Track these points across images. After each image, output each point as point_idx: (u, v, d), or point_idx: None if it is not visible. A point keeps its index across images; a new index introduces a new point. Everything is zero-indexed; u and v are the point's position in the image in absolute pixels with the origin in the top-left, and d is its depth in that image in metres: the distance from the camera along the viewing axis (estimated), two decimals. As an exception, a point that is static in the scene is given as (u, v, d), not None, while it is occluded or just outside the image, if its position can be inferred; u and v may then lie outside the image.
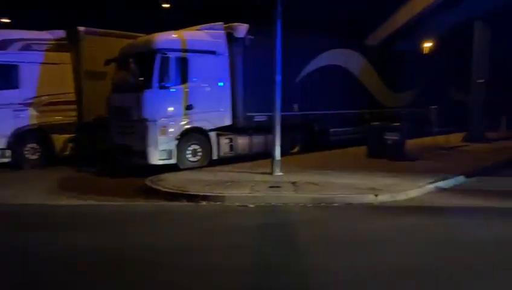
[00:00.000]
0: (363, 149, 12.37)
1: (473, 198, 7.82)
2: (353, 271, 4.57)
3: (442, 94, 18.27)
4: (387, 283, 4.29)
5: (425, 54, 18.65)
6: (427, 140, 14.06)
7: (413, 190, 8.10)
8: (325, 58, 13.81)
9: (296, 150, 13.36)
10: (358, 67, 15.11)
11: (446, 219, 6.63)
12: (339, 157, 12.50)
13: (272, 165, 9.47)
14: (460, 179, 9.28)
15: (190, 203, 7.59)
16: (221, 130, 11.40)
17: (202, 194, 7.76)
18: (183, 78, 10.58)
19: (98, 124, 11.93)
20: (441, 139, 13.95)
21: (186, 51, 10.63)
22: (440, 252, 5.15)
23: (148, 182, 8.80)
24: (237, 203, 7.45)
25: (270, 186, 8.23)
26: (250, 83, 11.51)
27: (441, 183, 8.68)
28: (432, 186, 8.47)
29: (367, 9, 21.08)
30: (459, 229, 6.05)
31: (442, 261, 4.83)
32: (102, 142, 11.66)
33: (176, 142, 10.42)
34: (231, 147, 11.57)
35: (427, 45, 19.29)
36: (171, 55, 10.25)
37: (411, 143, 12.51)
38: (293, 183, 8.45)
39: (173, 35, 10.93)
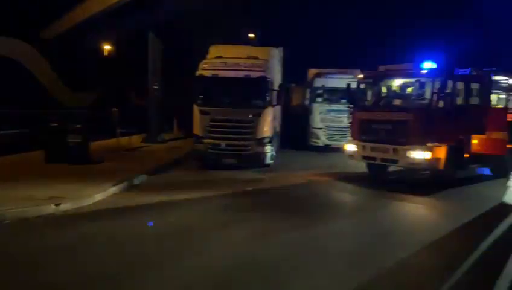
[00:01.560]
0: (41, 154, 10.98)
1: (153, 195, 8.37)
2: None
3: (124, 97, 18.99)
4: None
5: (108, 56, 18.82)
6: (111, 142, 14.19)
7: (99, 193, 7.86)
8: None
9: None
10: (31, 62, 13.32)
11: (128, 219, 6.73)
12: (9, 164, 10.54)
13: None
14: (143, 177, 9.85)
15: None
16: None
17: None
18: None
19: None
20: (124, 140, 14.41)
21: None
22: (120, 255, 5.13)
23: None
24: None
25: None
26: None
27: (125, 184, 8.89)
28: (116, 187, 8.51)
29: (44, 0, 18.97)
30: (139, 228, 6.29)
31: (124, 264, 4.87)
32: None
33: None
34: None
35: (107, 47, 19.55)
36: None
37: (95, 145, 12.21)
38: None
39: None
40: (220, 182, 9.83)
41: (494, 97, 10.99)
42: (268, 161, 11.62)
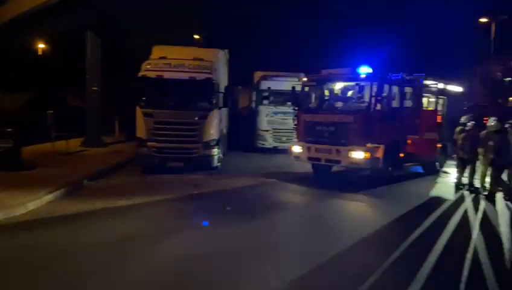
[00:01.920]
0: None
1: (93, 202, 7.90)
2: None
3: (60, 99, 17.89)
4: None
5: (42, 56, 17.64)
6: (46, 146, 13.31)
7: (33, 201, 7.34)
8: None
9: None
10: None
11: (65, 229, 6.32)
12: None
13: None
14: (82, 183, 9.31)
15: None
16: None
17: None
18: None
19: None
20: (60, 144, 13.57)
21: None
22: (54, 267, 4.82)
23: None
24: None
25: None
26: None
27: (62, 191, 8.35)
28: (52, 195, 7.97)
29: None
30: (77, 237, 5.94)
31: (57, 276, 4.60)
32: None
33: None
34: None
35: (41, 46, 18.33)
36: None
37: (28, 150, 11.37)
38: None
39: None
40: (164, 187, 9.58)
41: (425, 100, 11.83)
42: (216, 163, 11.54)
